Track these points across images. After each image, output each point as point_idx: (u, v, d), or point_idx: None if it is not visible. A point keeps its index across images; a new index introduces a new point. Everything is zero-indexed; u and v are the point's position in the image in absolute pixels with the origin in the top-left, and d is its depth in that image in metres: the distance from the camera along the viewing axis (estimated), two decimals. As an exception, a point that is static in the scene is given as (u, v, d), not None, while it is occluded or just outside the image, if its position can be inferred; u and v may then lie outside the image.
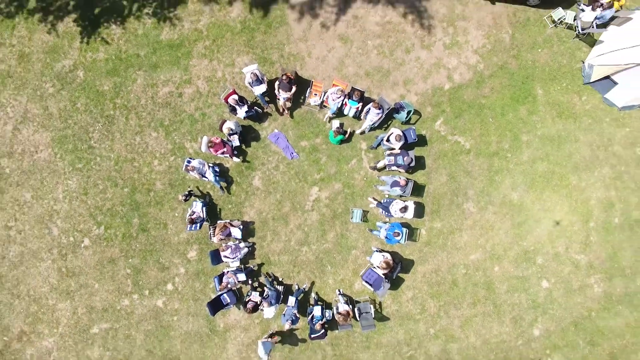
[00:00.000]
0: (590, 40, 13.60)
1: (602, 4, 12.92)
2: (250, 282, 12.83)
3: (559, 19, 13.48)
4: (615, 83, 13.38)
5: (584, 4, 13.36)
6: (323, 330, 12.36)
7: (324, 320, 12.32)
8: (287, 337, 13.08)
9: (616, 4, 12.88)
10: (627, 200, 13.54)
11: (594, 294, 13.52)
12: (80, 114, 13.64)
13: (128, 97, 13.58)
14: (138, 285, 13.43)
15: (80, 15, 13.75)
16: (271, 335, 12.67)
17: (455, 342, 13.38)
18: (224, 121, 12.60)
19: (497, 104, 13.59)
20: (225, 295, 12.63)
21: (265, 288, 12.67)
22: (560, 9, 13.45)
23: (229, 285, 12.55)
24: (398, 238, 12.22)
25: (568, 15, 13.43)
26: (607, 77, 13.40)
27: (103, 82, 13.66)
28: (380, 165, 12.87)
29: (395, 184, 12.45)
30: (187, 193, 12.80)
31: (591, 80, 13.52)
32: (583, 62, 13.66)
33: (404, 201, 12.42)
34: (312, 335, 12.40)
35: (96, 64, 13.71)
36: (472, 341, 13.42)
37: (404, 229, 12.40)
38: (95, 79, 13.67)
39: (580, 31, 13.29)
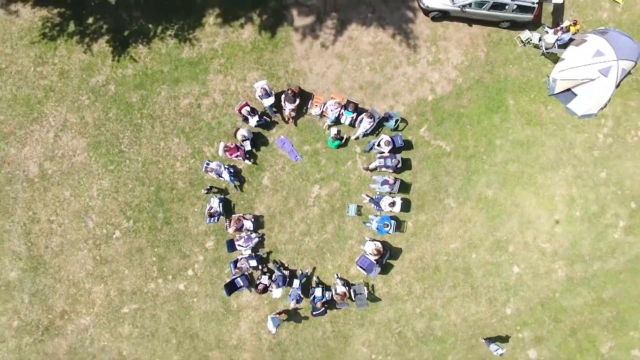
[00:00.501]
0: (554, 58, 15.68)
1: (562, 28, 15.04)
2: (260, 267, 14.89)
3: (526, 40, 15.57)
4: (575, 95, 15.41)
5: (547, 27, 15.47)
6: (323, 309, 14.44)
7: (324, 300, 14.39)
8: (293, 315, 15.14)
9: (572, 29, 14.97)
10: (586, 197, 15.62)
11: (557, 278, 15.59)
12: (111, 122, 15.72)
13: (153, 108, 15.67)
14: (162, 271, 15.50)
15: (111, 37, 15.84)
16: (279, 313, 14.73)
17: (438, 319, 15.45)
18: (237, 129, 14.69)
19: (474, 113, 15.68)
20: (238, 279, 14.70)
21: (273, 272, 14.73)
22: (527, 31, 15.56)
23: (243, 270, 14.62)
24: (387, 229, 14.31)
25: (534, 36, 15.52)
26: (569, 90, 15.44)
27: (131, 95, 15.75)
28: (372, 166, 14.94)
29: (384, 182, 14.52)
30: (208, 188, 14.90)
31: (555, 92, 15.56)
32: (548, 77, 15.71)
33: (393, 197, 14.50)
34: (314, 313, 14.47)
35: (125, 79, 15.80)
36: (453, 319, 15.48)
37: (393, 221, 14.48)
38: (124, 92, 15.75)
39: (545, 50, 15.39)
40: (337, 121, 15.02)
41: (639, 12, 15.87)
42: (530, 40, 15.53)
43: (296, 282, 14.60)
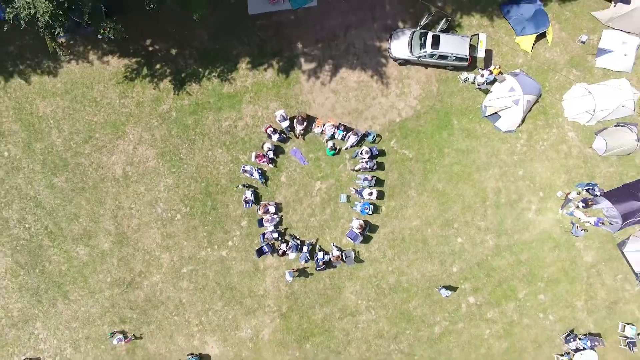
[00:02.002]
0: (485, 91, 22.28)
1: (489, 71, 21.68)
2: (280, 238, 21.45)
3: (464, 78, 22.19)
4: (500, 117, 22.07)
5: (480, 70, 22.09)
6: (324, 266, 21.03)
7: (324, 260, 20.96)
8: (302, 271, 21.68)
9: (495, 71, 21.61)
10: (508, 188, 22.20)
11: (489, 246, 22.14)
12: (173, 138, 22.31)
13: (203, 128, 22.26)
14: (210, 242, 22.05)
15: (173, 77, 22.43)
16: (293, 270, 21.30)
17: (404, 275, 21.98)
18: (263, 142, 21.33)
19: (429, 130, 22.27)
20: (265, 246, 21.27)
21: (289, 242, 21.27)
22: (465, 72, 22.16)
23: (268, 240, 21.20)
24: (367, 211, 20.92)
25: (470, 76, 22.12)
26: (495, 113, 22.07)
27: (187, 119, 22.34)
28: (356, 168, 21.52)
29: (365, 179, 21.12)
30: (244, 184, 21.51)
31: (486, 115, 22.20)
32: (481, 104, 22.35)
33: (371, 189, 21.09)
34: (317, 269, 21.07)
35: (183, 107, 22.40)
36: (415, 275, 22.02)
37: (371, 206, 21.07)
38: (182, 117, 22.35)
39: (478, 85, 22.02)
40: (332, 137, 21.58)
41: (542, 59, 22.47)
42: (468, 78, 22.13)
43: (305, 249, 21.19)
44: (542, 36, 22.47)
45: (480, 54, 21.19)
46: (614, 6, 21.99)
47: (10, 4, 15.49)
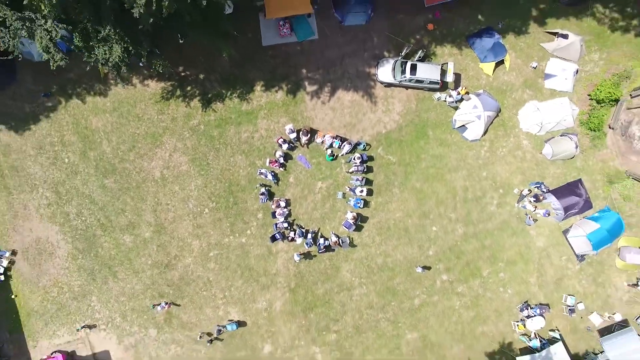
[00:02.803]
0: (455, 107, 27.45)
1: (457, 91, 26.88)
2: (289, 227, 26.60)
3: (438, 97, 27.39)
4: (467, 128, 27.24)
5: (450, 90, 27.25)
6: (324, 250, 26.21)
7: (325, 245, 26.13)
8: (307, 254, 26.81)
9: (462, 92, 26.81)
10: (474, 187, 27.32)
11: (459, 233, 27.28)
12: (202, 147, 27.48)
13: (226, 139, 27.43)
14: (232, 231, 27.20)
15: (201, 97, 27.59)
16: (301, 253, 26.45)
17: (390, 257, 27.14)
18: (276, 150, 26.49)
19: (409, 140, 27.44)
20: (277, 234, 26.42)
21: (296, 230, 26.42)
22: (438, 92, 27.33)
23: (280, 229, 26.36)
24: (359, 205, 26.10)
25: (442, 95, 27.30)
26: (463, 126, 27.24)
27: (213, 131, 27.51)
28: (350, 170, 26.69)
29: (357, 180, 26.30)
30: (260, 184, 26.66)
31: (455, 127, 27.36)
32: (452, 118, 27.52)
33: (362, 188, 26.26)
34: (319, 252, 26.24)
35: (210, 122, 27.57)
36: (399, 257, 27.16)
37: (362, 201, 26.25)
38: (209, 130, 27.52)
39: (448, 103, 27.21)
40: (331, 146, 26.74)
41: (501, 81, 27.62)
42: (440, 98, 27.31)
43: (309, 235, 26.34)
44: (501, 63, 27.63)
45: (449, 78, 26.38)
46: (557, 40, 27.18)
47: (92, 52, 20.65)
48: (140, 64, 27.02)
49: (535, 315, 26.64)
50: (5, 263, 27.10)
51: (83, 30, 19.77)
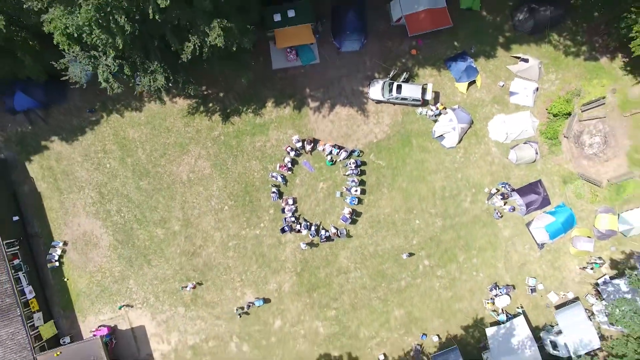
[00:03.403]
0: (434, 120, 32.70)
1: (436, 107, 32.15)
2: (296, 221, 31.83)
3: (420, 112, 32.65)
4: (444, 137, 32.46)
5: (431, 105, 32.51)
6: (325, 240, 31.48)
7: (326, 235, 31.38)
8: (311, 244, 32.03)
9: (440, 107, 32.09)
10: (451, 186, 32.52)
11: (438, 225, 32.49)
12: (222, 154, 32.73)
13: (243, 147, 32.69)
14: (249, 224, 32.43)
15: (221, 112, 32.82)
16: (305, 242, 31.69)
17: (380, 246, 32.35)
18: (284, 157, 31.78)
19: (396, 147, 32.70)
20: (286, 227, 31.67)
21: (302, 223, 31.65)
22: (420, 108, 32.59)
23: (288, 222, 31.60)
24: (354, 202, 31.38)
25: (424, 110, 32.55)
26: (441, 135, 32.48)
27: (232, 141, 32.78)
28: (347, 173, 31.94)
29: (353, 181, 31.58)
30: (272, 185, 31.91)
31: (435, 136, 32.62)
32: (432, 129, 32.77)
33: (356, 188, 31.54)
34: (321, 241, 31.50)
35: (229, 133, 32.84)
36: (387, 246, 32.38)
37: (357, 199, 31.51)
38: (228, 139, 32.78)
39: (429, 117, 32.46)
40: (330, 153, 31.97)
41: (474, 98, 32.85)
42: (422, 112, 32.57)
43: (313, 228, 31.58)
44: (473, 82, 32.87)
45: (429, 96, 31.66)
46: (520, 63, 32.45)
47: (139, 81, 25.91)
48: (169, 84, 32.20)
49: (502, 295, 31.82)
50: (59, 252, 32.31)
51: (133, 63, 25.01)
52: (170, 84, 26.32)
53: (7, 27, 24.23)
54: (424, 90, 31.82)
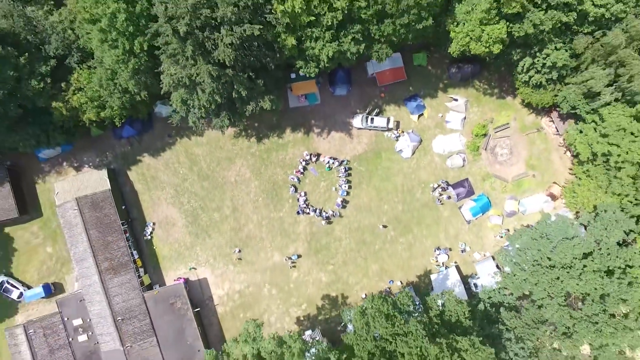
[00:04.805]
0: (396, 140, 49.71)
1: (398, 131, 49.20)
2: (306, 206, 48.70)
3: (387, 135, 49.73)
4: (402, 151, 49.48)
5: (394, 130, 49.54)
6: (326, 219, 48.43)
7: (326, 216, 48.31)
8: (316, 222, 48.88)
9: (400, 132, 49.10)
10: (408, 184, 49.46)
11: (399, 209, 49.36)
12: (257, 164, 49.70)
13: (271, 159, 49.68)
14: (275, 209, 49.30)
15: (256, 136, 49.85)
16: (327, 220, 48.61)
17: (361, 223, 49.17)
18: (299, 165, 48.84)
19: (371, 158, 49.65)
20: (299, 211, 48.58)
21: (310, 208, 48.52)
22: (387, 132, 49.61)
23: (301, 208, 48.53)
24: (345, 194, 48.38)
25: (389, 134, 49.58)
26: (401, 150, 49.43)
27: (264, 155, 49.77)
28: (339, 175, 48.90)
29: (343, 180, 48.57)
30: (291, 184, 48.93)
31: (397, 151, 49.61)
32: (395, 146, 49.73)
33: (346, 185, 48.52)
34: (323, 220, 48.43)
35: (261, 150, 49.83)
36: (366, 222, 49.19)
37: (346, 192, 48.52)
38: (261, 154, 49.76)
39: (392, 138, 49.48)
40: (328, 162, 48.89)
41: (423, 125, 49.81)
42: (388, 135, 49.52)
43: (318, 211, 48.53)
44: (422, 114, 49.85)
45: (392, 125, 48.70)
46: (453, 101, 49.42)
47: (208, 118, 42.82)
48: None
49: (442, 254, 48.52)
50: (150, 229, 49.13)
51: (210, 112, 41.93)
52: (230, 123, 43.29)
53: (142, 96, 41.06)
54: (388, 120, 48.82)
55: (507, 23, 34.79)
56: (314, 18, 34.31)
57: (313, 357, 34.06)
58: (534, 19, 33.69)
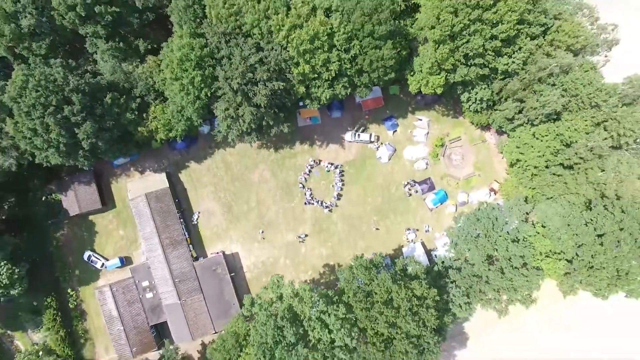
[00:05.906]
0: (377, 149, 67.49)
1: (378, 144, 67.03)
2: (312, 198, 66.31)
3: (370, 146, 67.43)
4: (381, 157, 67.18)
5: (375, 143, 67.25)
6: (326, 208, 66.12)
7: (327, 205, 66.00)
8: (319, 210, 66.50)
9: (379, 143, 66.86)
10: (387, 182, 67.15)
11: (380, 200, 67.03)
12: (275, 168, 67.34)
13: (285, 164, 67.35)
14: (288, 201, 66.89)
15: (274, 149, 67.54)
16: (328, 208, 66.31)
17: (352, 212, 66.72)
18: (306, 168, 66.59)
19: (359, 163, 67.36)
20: (307, 202, 66.22)
21: (314, 199, 66.11)
22: (371, 144, 67.34)
23: (308, 199, 66.19)
24: (339, 190, 66.10)
25: (372, 145, 67.31)
26: (380, 157, 67.12)
27: (280, 161, 67.45)
28: (335, 176, 66.61)
29: (338, 180, 66.27)
30: (300, 182, 66.64)
31: (377, 157, 67.32)
32: (376, 154, 67.54)
33: (340, 183, 66.22)
34: (324, 209, 66.10)
35: (278, 158, 67.54)
36: (356, 211, 66.79)
37: (340, 188, 66.23)
38: (278, 160, 67.45)
39: (374, 148, 67.28)
40: (327, 166, 66.54)
41: (398, 138, 67.44)
42: (371, 146, 67.24)
43: (320, 203, 66.15)
44: (396, 131, 67.52)
45: (373, 139, 66.43)
46: (419, 120, 67.09)
47: (244, 138, 60.41)
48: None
49: (412, 233, 66.09)
50: (195, 217, 66.73)
51: (244, 131, 59.53)
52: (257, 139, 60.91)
53: (199, 123, 58.56)
54: (371, 135, 66.55)
55: (445, 74, 52.36)
56: (316, 75, 52.32)
57: (317, 296, 51.31)
58: (461, 72, 51.32)
